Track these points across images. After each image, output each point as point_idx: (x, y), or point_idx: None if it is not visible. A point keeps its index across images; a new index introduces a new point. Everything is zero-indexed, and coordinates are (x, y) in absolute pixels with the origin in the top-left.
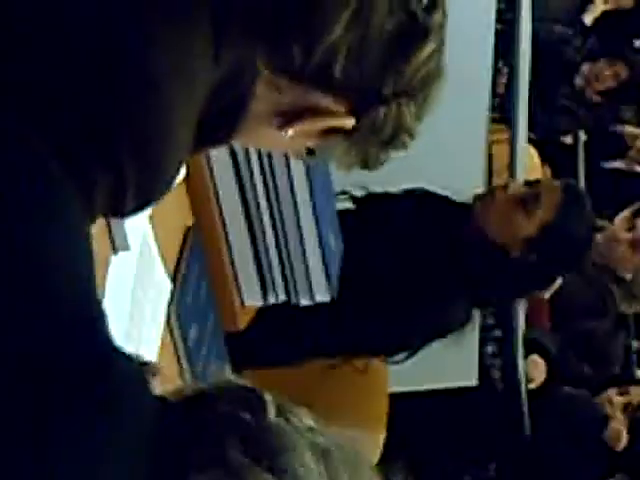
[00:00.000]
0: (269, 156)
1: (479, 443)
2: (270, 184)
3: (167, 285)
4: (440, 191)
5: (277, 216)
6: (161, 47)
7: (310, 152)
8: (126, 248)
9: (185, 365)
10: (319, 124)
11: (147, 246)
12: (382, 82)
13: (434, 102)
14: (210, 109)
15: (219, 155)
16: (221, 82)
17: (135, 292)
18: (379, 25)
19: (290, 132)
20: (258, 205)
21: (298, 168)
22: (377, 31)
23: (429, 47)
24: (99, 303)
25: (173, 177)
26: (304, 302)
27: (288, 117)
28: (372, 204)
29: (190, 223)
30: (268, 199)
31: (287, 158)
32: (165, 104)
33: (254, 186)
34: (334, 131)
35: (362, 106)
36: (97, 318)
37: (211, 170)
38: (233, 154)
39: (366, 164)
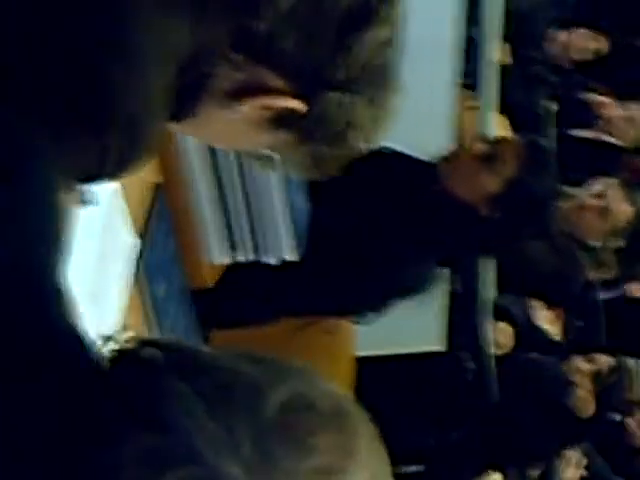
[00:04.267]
0: None
1: (446, 408)
2: None
3: (134, 241)
4: (408, 152)
5: (246, 175)
6: (141, 24)
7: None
8: (94, 203)
9: (153, 321)
10: (268, 103)
11: (115, 202)
12: (332, 63)
13: (393, 109)
14: (176, 84)
15: None
16: (190, 57)
17: (102, 247)
18: (331, 1)
19: (240, 110)
20: (227, 164)
21: None
22: (329, 7)
23: (381, 34)
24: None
25: (152, 149)
26: (272, 261)
27: (239, 95)
28: None
29: (158, 180)
30: (237, 158)
31: None
32: (148, 81)
33: None
34: (285, 122)
35: (312, 90)
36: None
37: None
38: None
39: (318, 168)
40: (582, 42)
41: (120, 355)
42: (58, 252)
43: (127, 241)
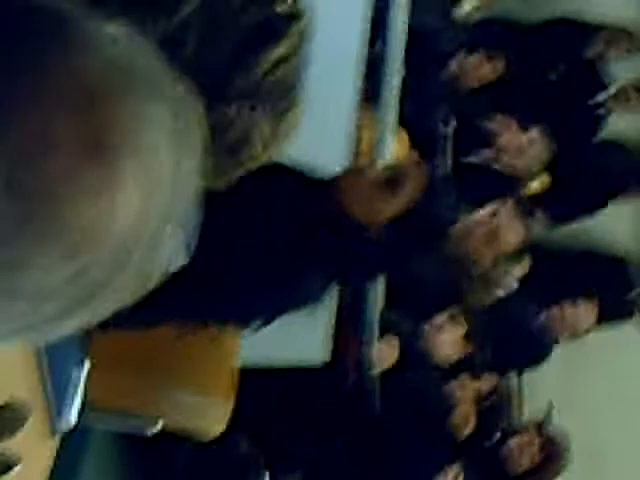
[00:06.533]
0: None
1: (328, 419)
2: None
3: None
4: (298, 166)
5: None
6: None
7: None
8: None
9: None
10: None
11: None
12: (231, 75)
13: (295, 122)
14: None
15: None
16: None
17: None
18: (233, 14)
19: None
20: None
21: None
22: (231, 20)
23: (282, 50)
24: None
25: None
26: None
27: None
28: None
29: None
30: None
31: None
32: None
33: None
34: None
35: (210, 100)
36: None
37: None
38: None
39: (218, 175)
40: (474, 66)
41: None
42: None
43: None
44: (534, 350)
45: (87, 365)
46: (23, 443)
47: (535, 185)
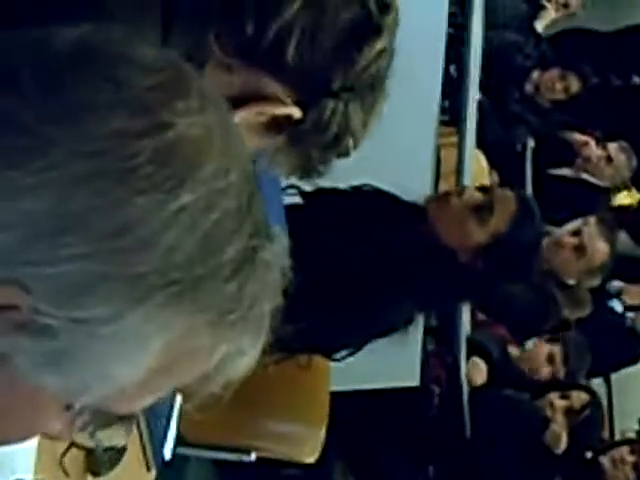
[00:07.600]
0: None
1: (419, 444)
2: None
3: None
4: (389, 189)
5: None
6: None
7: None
8: None
9: None
10: (265, 110)
11: None
12: (332, 72)
13: (380, 112)
14: None
15: None
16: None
17: None
18: (334, 12)
19: (237, 115)
20: None
21: None
22: (331, 18)
23: (380, 45)
24: None
25: None
26: None
27: (235, 101)
28: (320, 199)
29: None
30: None
31: None
32: None
33: None
34: (279, 127)
35: (310, 97)
36: None
37: None
38: None
39: (307, 170)
40: (551, 81)
41: None
42: None
43: None
44: (624, 353)
45: (179, 399)
46: (120, 479)
47: (624, 198)
